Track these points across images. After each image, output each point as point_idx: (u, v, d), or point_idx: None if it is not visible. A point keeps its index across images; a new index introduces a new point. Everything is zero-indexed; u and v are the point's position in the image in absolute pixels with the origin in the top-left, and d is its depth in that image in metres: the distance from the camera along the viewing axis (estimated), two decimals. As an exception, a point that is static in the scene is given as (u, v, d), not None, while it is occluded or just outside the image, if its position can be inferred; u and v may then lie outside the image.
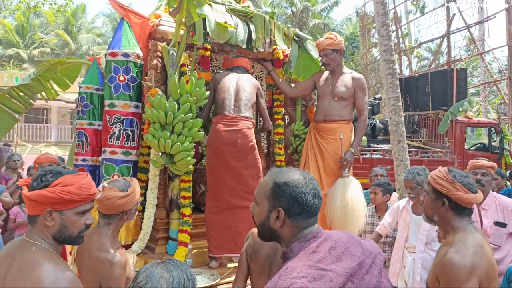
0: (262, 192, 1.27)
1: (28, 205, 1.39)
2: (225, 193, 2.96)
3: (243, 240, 2.93)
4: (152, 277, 1.11)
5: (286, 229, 1.22)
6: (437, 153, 9.00)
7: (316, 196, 1.22)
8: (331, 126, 3.31)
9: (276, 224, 1.22)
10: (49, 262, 1.32)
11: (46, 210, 1.36)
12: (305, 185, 1.21)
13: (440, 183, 1.69)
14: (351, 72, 3.42)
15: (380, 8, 5.37)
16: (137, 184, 1.96)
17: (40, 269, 1.28)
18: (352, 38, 21.23)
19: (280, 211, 1.20)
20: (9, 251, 1.39)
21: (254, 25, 3.20)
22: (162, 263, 1.16)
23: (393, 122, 5.17)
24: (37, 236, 1.38)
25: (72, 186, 1.39)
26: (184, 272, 1.15)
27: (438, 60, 17.39)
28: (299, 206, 1.19)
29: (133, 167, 2.95)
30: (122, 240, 2.81)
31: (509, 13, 11.97)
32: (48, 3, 9.20)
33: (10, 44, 25.18)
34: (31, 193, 1.36)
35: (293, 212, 1.20)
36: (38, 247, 1.36)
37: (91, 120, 3.06)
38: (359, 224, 3.09)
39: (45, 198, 1.35)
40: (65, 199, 1.37)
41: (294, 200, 1.19)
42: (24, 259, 1.32)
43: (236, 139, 2.90)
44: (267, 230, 1.26)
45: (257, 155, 3.05)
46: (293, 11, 22.90)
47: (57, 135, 19.55)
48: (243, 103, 3.01)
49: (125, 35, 2.89)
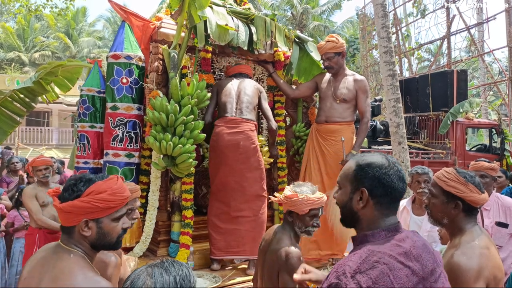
0: (345, 176, 1.27)
1: (62, 217, 1.34)
2: (227, 196, 2.96)
3: (245, 243, 2.96)
4: (136, 283, 1.07)
5: (368, 211, 1.20)
6: (438, 154, 9.00)
7: (400, 179, 1.20)
8: (333, 128, 3.30)
9: (359, 205, 1.21)
10: (86, 272, 1.29)
11: (82, 220, 1.31)
12: (389, 167, 1.20)
13: (453, 185, 1.65)
14: (354, 74, 3.42)
15: (380, 10, 5.39)
16: (132, 189, 1.93)
17: (78, 280, 1.25)
18: (352, 40, 21.26)
19: (363, 191, 1.20)
20: (45, 257, 1.36)
21: (255, 27, 3.20)
22: (151, 267, 1.12)
23: (393, 123, 5.18)
24: (74, 244, 1.34)
25: (105, 193, 1.34)
26: (173, 276, 1.09)
27: (438, 61, 17.40)
28: (383, 188, 1.18)
29: (136, 169, 2.95)
30: (127, 243, 2.82)
31: (509, 14, 11.99)
32: (49, 7, 9.23)
33: (11, 48, 25.27)
34: (65, 204, 1.31)
35: (377, 193, 1.19)
36: (76, 255, 1.32)
37: (92, 123, 3.06)
38: None
39: (80, 209, 1.30)
40: (100, 207, 1.32)
41: (377, 181, 1.19)
42: (62, 267, 1.29)
43: (238, 141, 2.90)
44: (349, 212, 1.25)
45: (260, 157, 3.06)
46: (293, 14, 22.96)
47: (58, 138, 19.57)
48: (244, 106, 3.02)
49: (127, 37, 2.90)
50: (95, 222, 1.34)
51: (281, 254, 1.90)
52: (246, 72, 3.29)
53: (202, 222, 3.19)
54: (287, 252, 1.90)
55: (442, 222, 1.70)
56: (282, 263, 1.88)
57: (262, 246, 2.10)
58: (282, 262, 1.88)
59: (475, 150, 9.77)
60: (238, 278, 2.84)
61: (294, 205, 1.97)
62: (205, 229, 3.14)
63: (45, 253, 1.38)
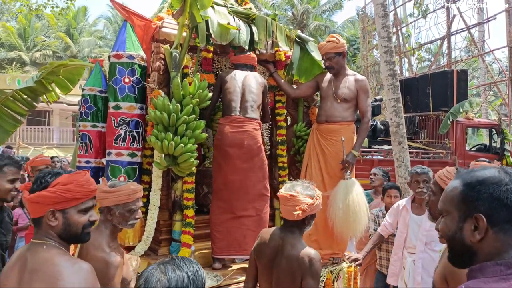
0: (449, 200, 1.01)
1: (30, 208, 1.41)
2: (230, 195, 2.97)
3: (247, 242, 2.97)
4: (150, 281, 1.09)
5: (487, 244, 0.92)
6: (438, 154, 9.01)
7: None
8: (333, 127, 3.31)
9: (475, 236, 0.93)
10: (63, 256, 1.34)
11: (49, 210, 1.37)
12: (510, 181, 0.93)
13: None
14: (355, 74, 3.42)
15: (381, 10, 5.40)
16: (132, 189, 1.95)
17: (57, 263, 1.30)
18: (353, 40, 21.26)
19: (479, 218, 0.92)
20: (19, 256, 1.40)
21: (256, 27, 3.21)
22: (163, 264, 1.14)
23: (393, 123, 5.19)
24: (45, 237, 1.39)
25: (71, 184, 1.40)
26: (185, 272, 1.12)
27: (438, 61, 17.41)
28: (507, 210, 0.91)
29: (138, 168, 2.96)
30: (130, 242, 2.83)
31: (509, 14, 11.99)
32: (50, 6, 9.24)
33: (12, 47, 25.28)
34: (32, 195, 1.38)
35: (499, 219, 0.91)
36: (49, 245, 1.37)
37: (94, 122, 3.07)
38: (361, 227, 3.09)
39: (46, 198, 1.37)
40: (66, 197, 1.39)
41: (497, 202, 0.92)
42: (37, 258, 1.33)
43: (242, 141, 2.91)
44: (459, 246, 0.97)
45: (264, 157, 3.07)
46: (294, 13, 22.96)
47: (59, 138, 19.58)
48: (249, 105, 3.02)
49: (129, 37, 2.91)
50: (62, 212, 1.40)
51: (304, 260, 1.91)
52: (251, 63, 3.24)
53: (203, 221, 3.21)
54: (310, 257, 1.91)
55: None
56: (306, 268, 1.90)
57: (263, 248, 2.06)
58: (306, 268, 1.90)
59: (475, 150, 9.78)
60: (239, 277, 2.85)
61: (313, 209, 1.98)
62: (206, 228, 3.15)
63: (18, 254, 1.42)
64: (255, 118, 3.03)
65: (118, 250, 1.91)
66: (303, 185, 2.05)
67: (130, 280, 1.98)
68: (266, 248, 2.04)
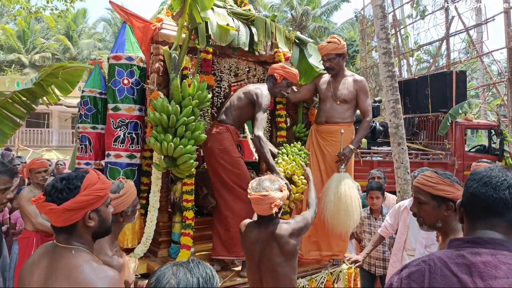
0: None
1: (63, 217, 1.34)
2: (217, 196, 3.04)
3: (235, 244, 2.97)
4: (161, 281, 1.09)
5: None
6: (437, 155, 9.01)
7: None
8: (333, 128, 3.31)
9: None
10: (91, 263, 1.33)
11: (87, 213, 1.38)
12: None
13: (442, 188, 1.67)
14: (353, 75, 3.43)
15: (379, 11, 5.41)
16: (132, 185, 1.99)
17: (84, 271, 1.30)
18: (350, 43, 21.27)
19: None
20: (44, 254, 1.39)
21: (255, 28, 3.21)
22: (177, 265, 1.12)
23: (393, 124, 5.19)
24: (74, 241, 1.38)
25: (98, 182, 1.42)
26: (196, 277, 1.09)
27: (437, 62, 17.44)
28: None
29: (137, 170, 2.96)
30: (129, 244, 2.82)
31: (507, 15, 12.03)
32: (49, 9, 9.23)
33: (11, 49, 25.28)
34: (69, 203, 1.33)
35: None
36: (77, 250, 1.36)
37: (94, 124, 3.07)
38: (352, 220, 3.04)
39: (83, 203, 1.36)
40: (101, 196, 1.41)
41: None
42: (66, 264, 1.32)
43: (206, 143, 3.00)
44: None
45: (235, 159, 3.00)
46: (293, 15, 23.01)
47: (58, 140, 19.57)
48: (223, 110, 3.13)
49: (128, 38, 2.91)
50: (95, 211, 1.41)
51: (286, 230, 2.12)
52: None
53: (202, 223, 3.20)
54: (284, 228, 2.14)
55: (436, 226, 1.71)
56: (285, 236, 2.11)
57: (249, 241, 2.18)
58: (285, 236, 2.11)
59: (474, 151, 9.79)
60: (239, 279, 2.84)
61: (284, 199, 2.18)
62: (205, 230, 3.15)
63: (44, 251, 1.41)
64: (224, 120, 3.09)
65: (119, 253, 1.91)
66: (269, 180, 2.13)
67: (131, 283, 1.98)
68: (250, 232, 2.19)
